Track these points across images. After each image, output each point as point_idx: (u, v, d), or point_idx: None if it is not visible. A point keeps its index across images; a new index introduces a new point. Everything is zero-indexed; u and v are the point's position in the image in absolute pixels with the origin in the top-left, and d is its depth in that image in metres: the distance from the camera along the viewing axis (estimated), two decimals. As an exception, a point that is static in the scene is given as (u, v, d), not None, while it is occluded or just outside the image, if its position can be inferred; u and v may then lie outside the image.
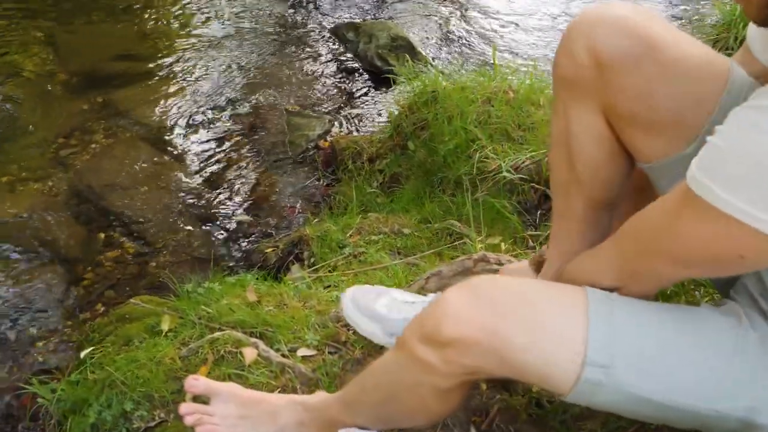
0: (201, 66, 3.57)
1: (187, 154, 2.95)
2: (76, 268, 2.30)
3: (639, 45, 0.92)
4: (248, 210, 2.67)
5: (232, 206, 2.68)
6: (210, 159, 2.93)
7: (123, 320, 1.62)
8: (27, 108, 3.12)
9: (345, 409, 1.07)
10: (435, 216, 2.04)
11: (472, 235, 1.77)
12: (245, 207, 2.68)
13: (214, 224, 2.58)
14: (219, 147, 3.00)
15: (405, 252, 1.86)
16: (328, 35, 3.99)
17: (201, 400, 1.16)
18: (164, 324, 1.52)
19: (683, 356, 0.86)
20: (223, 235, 2.53)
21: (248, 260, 2.37)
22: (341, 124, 3.23)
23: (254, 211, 2.66)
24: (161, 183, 2.76)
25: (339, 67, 3.70)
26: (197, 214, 2.62)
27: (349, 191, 2.51)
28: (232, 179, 2.82)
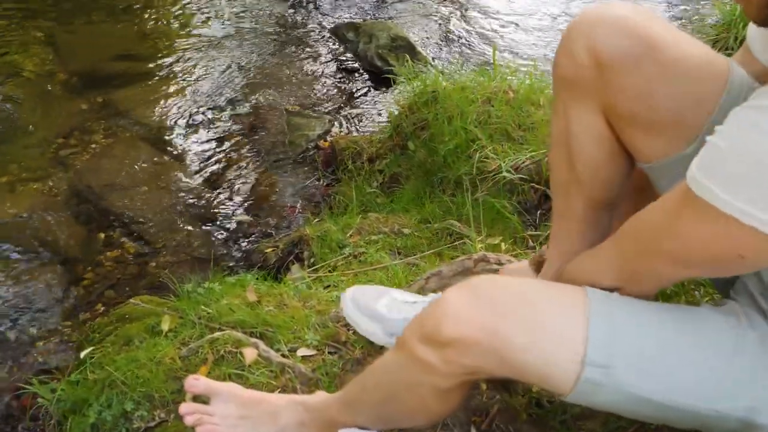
0: (201, 66, 3.57)
1: (187, 154, 2.95)
2: (76, 268, 2.30)
3: (639, 45, 0.92)
4: (248, 210, 2.67)
5: (232, 206, 2.68)
6: (210, 159, 2.92)
7: (123, 320, 1.62)
8: (27, 108, 3.12)
9: (345, 409, 1.07)
10: (435, 216, 2.04)
11: (472, 235, 1.77)
12: (245, 207, 2.68)
13: (214, 224, 2.58)
14: (219, 147, 3.00)
15: (405, 252, 1.86)
16: (328, 35, 3.99)
17: (201, 400, 1.16)
18: (164, 324, 1.52)
19: (683, 356, 0.86)
20: (223, 235, 2.53)
21: (248, 260, 2.37)
22: (341, 124, 3.23)
23: (254, 211, 2.66)
24: (161, 183, 2.75)
25: (339, 67, 3.70)
26: (197, 214, 2.62)
27: (349, 191, 2.51)
28: (232, 179, 2.82)
